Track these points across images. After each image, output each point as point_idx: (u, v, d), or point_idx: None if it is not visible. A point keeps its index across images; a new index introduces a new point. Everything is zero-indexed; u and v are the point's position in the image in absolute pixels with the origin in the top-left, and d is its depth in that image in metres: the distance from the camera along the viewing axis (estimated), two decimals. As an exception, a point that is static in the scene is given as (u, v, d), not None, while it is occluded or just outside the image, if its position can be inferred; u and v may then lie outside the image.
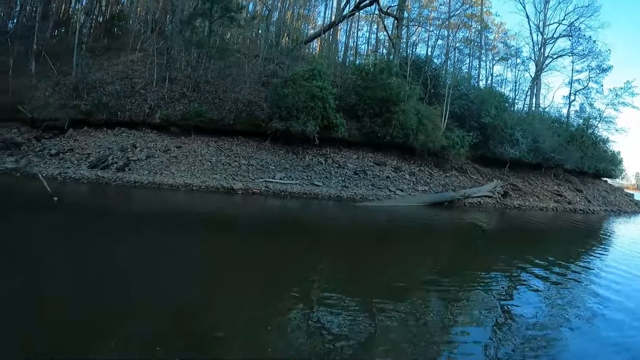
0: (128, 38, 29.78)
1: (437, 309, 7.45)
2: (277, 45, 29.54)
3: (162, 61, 25.71)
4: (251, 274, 9.10)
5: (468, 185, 26.78)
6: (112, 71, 26.42)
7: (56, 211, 14.08)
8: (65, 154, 22.84)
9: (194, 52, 25.86)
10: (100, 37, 31.82)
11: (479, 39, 39.45)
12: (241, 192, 20.41)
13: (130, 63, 27.20)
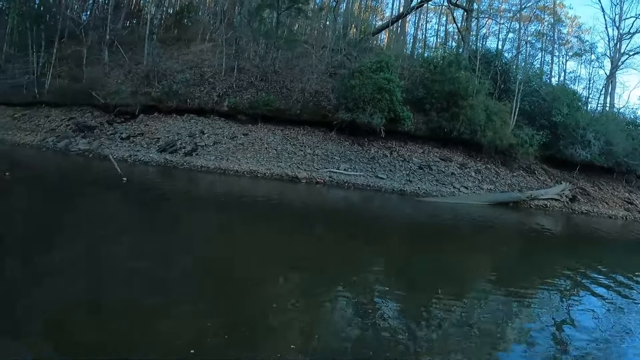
0: (197, 29, 30.68)
1: (490, 314, 7.05)
2: (345, 37, 29.44)
3: (230, 51, 26.33)
4: (309, 262, 9.14)
5: (535, 186, 25.74)
6: (182, 60, 27.26)
7: (124, 189, 15.11)
8: (135, 138, 23.72)
9: (262, 42, 26.23)
10: (170, 28, 32.94)
11: (552, 33, 37.47)
12: (305, 181, 20.58)
13: (200, 53, 27.97)
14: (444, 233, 13.89)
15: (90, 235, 9.32)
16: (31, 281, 6.51)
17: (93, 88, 26.46)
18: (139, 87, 25.82)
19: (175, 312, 5.86)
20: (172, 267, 7.70)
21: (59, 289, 6.28)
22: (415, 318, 6.45)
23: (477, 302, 7.52)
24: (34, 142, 24.81)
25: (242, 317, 5.93)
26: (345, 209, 16.51)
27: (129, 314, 5.70)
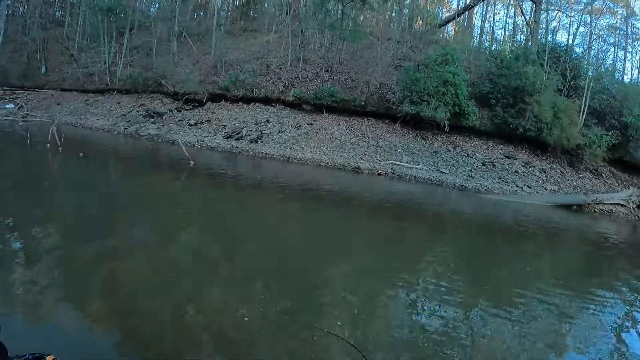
0: (263, 20, 31.52)
1: (545, 322, 6.68)
2: (410, 29, 29.45)
3: (296, 42, 26.81)
4: (368, 253, 9.35)
5: (601, 190, 24.92)
6: (248, 51, 28.08)
7: (191, 171, 16.22)
8: (203, 124, 24.65)
9: (328, 34, 26.59)
10: (237, 19, 33.93)
11: (625, 27, 35.55)
12: (367, 172, 20.78)
13: (266, 44, 28.72)
14: (505, 233, 13.50)
15: (162, 216, 10.22)
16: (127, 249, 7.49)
17: (162, 77, 27.69)
18: (206, 76, 26.83)
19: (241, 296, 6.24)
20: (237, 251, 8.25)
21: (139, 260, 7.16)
22: (463, 321, 6.35)
23: (542, 306, 7.25)
24: (105, 126, 26.25)
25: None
26: (410, 201, 16.39)
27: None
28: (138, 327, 5.18)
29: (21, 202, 9.73)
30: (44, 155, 16.38)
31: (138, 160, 18.37)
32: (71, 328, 4.94)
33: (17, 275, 6.03)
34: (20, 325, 4.89)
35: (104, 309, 5.43)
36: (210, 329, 5.26)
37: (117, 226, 8.85)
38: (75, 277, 6.33)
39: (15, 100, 32.05)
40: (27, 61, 36.75)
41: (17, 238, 7.45)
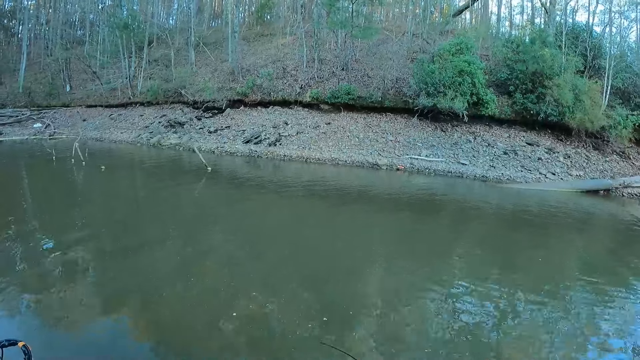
0: (278, 24, 32.19)
1: (578, 314, 6.65)
2: (425, 20, 29.60)
3: (311, 43, 27.35)
4: (393, 249, 9.53)
5: (629, 172, 24.55)
6: (264, 55, 28.78)
7: (208, 177, 17.15)
8: (222, 131, 25.39)
9: (341, 33, 27.02)
10: (252, 25, 34.76)
11: None
12: (385, 167, 20.97)
13: (282, 47, 29.37)
14: (532, 223, 13.01)
15: (174, 220, 10.81)
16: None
17: (182, 87, 28.64)
18: (224, 83, 27.63)
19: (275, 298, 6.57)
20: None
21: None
22: (495, 315, 6.39)
23: (577, 295, 7.30)
24: (129, 139, 27.29)
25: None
26: (431, 196, 16.46)
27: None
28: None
29: (41, 215, 10.63)
30: (68, 170, 17.36)
31: (158, 169, 19.19)
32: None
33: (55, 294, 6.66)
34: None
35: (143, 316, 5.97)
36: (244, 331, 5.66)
37: (137, 233, 9.58)
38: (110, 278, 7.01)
39: (43, 120, 33.45)
40: (52, 81, 38.26)
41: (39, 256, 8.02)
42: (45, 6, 51.49)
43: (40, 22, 49.50)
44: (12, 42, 49.40)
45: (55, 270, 7.25)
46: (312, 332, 5.65)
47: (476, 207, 14.80)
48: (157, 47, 35.68)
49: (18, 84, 38.87)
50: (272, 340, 5.50)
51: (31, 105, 36.17)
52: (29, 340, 2.63)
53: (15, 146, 25.74)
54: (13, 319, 5.71)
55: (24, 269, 7.28)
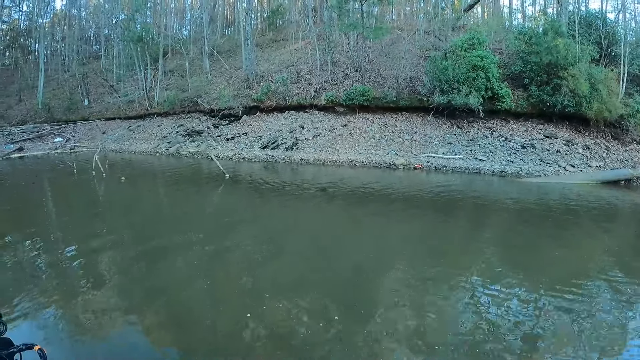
0: (290, 29, 32.66)
1: (609, 311, 6.52)
2: (436, 17, 29.71)
3: (323, 46, 27.71)
4: (414, 248, 9.58)
5: (651, 161, 24.39)
6: (278, 61, 29.27)
7: (226, 183, 17.57)
8: (239, 138, 25.83)
9: (352, 34, 27.31)
10: (264, 31, 35.35)
11: None
12: (403, 167, 21.08)
13: (295, 52, 29.83)
14: (559, 216, 12.85)
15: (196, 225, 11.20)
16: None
17: (198, 96, 29.25)
18: (240, 90, 28.14)
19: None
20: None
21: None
22: (524, 315, 6.34)
23: (606, 291, 7.15)
24: (148, 149, 27.91)
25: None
26: (450, 193, 16.32)
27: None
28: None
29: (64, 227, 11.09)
30: (89, 181, 18.01)
31: (178, 178, 19.60)
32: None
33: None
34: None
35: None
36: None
37: (157, 240, 9.92)
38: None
39: (63, 134, 34.32)
40: (70, 96, 39.14)
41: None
42: (60, 23, 52.93)
43: (56, 39, 50.91)
44: (30, 59, 50.77)
45: (77, 276, 7.63)
46: (333, 333, 5.83)
47: (496, 204, 14.71)
48: (172, 58, 36.49)
49: (37, 100, 39.92)
50: (295, 339, 5.68)
51: (51, 121, 37.15)
52: (50, 345, 2.92)
53: (37, 160, 26.55)
54: (35, 323, 5.95)
55: (47, 274, 7.69)
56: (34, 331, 5.76)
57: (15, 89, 43.60)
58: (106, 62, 41.19)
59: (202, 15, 35.84)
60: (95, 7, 52.78)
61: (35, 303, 6.46)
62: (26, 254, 8.79)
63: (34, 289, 6.94)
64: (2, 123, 37.64)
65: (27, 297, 6.59)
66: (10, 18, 53.17)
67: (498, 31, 29.61)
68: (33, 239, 9.64)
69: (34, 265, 8.15)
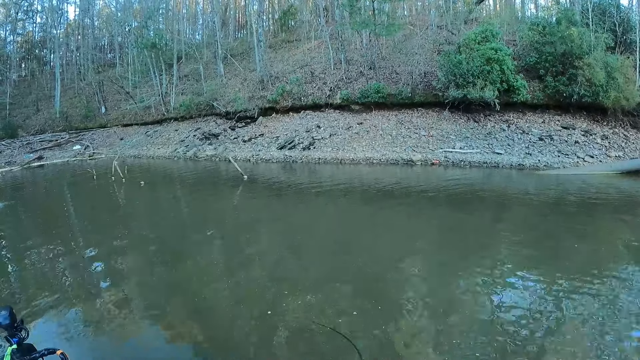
0: (302, 29, 32.95)
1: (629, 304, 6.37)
2: (448, 11, 29.65)
3: (336, 45, 27.93)
4: (436, 243, 9.69)
5: (670, 148, 24.07)
6: (291, 61, 29.56)
7: (245, 184, 17.85)
8: (256, 139, 26.15)
9: (365, 32, 27.45)
10: (276, 32, 35.72)
11: None
12: (420, 163, 21.08)
13: (308, 51, 30.08)
14: (581, 211, 12.55)
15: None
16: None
17: (213, 99, 29.67)
18: (255, 92, 28.50)
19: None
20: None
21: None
22: (546, 310, 6.27)
23: (611, 295, 6.78)
24: (166, 154, 28.38)
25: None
26: (469, 188, 16.20)
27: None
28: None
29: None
30: (109, 187, 18.48)
31: (196, 181, 20.04)
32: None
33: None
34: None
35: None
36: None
37: (176, 241, 10.25)
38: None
39: (81, 142, 35.02)
40: (87, 104, 39.97)
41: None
42: (74, 33, 53.90)
43: (71, 49, 51.84)
44: (45, 70, 51.78)
45: (97, 277, 7.92)
46: (356, 326, 5.92)
47: (515, 197, 14.68)
48: (186, 63, 37.06)
49: (55, 110, 40.82)
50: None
51: (69, 129, 37.99)
52: (72, 347, 3.09)
53: (57, 168, 27.19)
54: (57, 325, 6.11)
55: (68, 277, 7.98)
56: (56, 331, 5.94)
57: (32, 99, 44.64)
58: (121, 70, 41.94)
59: (214, 19, 36.35)
60: (107, 16, 53.61)
61: (58, 303, 6.69)
62: (49, 256, 9.11)
63: (57, 290, 7.22)
64: (21, 133, 38.52)
65: (50, 298, 6.84)
66: (24, 30, 54.26)
67: (511, 23, 29.35)
68: (55, 242, 10.05)
69: (56, 267, 8.46)
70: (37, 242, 10.27)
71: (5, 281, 7.85)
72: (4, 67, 46.33)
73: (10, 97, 43.22)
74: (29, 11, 51.46)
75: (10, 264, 8.97)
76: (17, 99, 45.03)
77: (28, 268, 8.55)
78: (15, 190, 20.25)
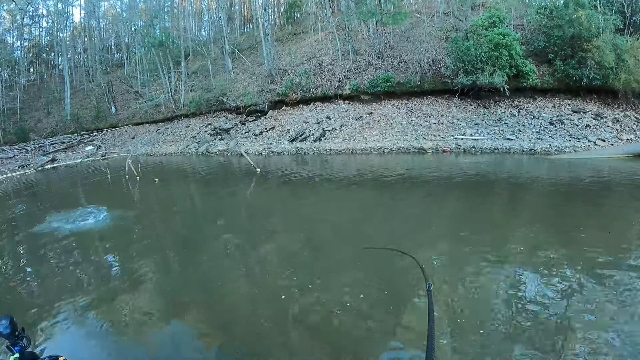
0: (308, 21, 33.12)
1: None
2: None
3: (343, 36, 28.08)
4: (451, 230, 9.62)
5: (683, 130, 23.93)
6: (299, 54, 29.76)
7: (258, 178, 18.17)
8: (267, 132, 26.40)
9: (372, 22, 27.54)
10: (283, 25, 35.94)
11: None
12: (431, 151, 21.24)
13: (315, 43, 30.26)
14: (594, 195, 12.37)
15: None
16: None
17: (223, 94, 29.97)
18: (264, 85, 28.75)
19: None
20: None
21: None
22: (562, 296, 6.25)
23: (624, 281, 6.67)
24: (178, 150, 28.74)
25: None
26: (481, 174, 16.28)
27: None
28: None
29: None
30: (123, 185, 18.80)
31: (209, 176, 20.29)
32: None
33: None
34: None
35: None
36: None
37: (193, 236, 10.52)
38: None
39: (93, 142, 35.48)
40: (97, 105, 40.39)
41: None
42: (81, 35, 54.42)
43: (78, 52, 52.40)
44: (54, 73, 52.36)
45: (114, 277, 8.08)
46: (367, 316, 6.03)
47: (527, 182, 14.70)
48: (194, 60, 37.39)
49: (65, 112, 41.32)
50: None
51: (80, 130, 38.44)
52: (89, 346, 3.22)
53: (70, 169, 27.57)
54: (72, 325, 6.23)
55: (85, 277, 8.12)
56: (72, 331, 6.07)
57: (42, 102, 45.23)
58: (129, 69, 42.38)
59: (219, 15, 36.64)
60: (113, 17, 54.00)
61: (75, 303, 6.82)
62: (66, 256, 9.33)
63: (76, 290, 7.37)
64: (33, 137, 39.01)
65: (69, 301, 6.93)
66: (31, 35, 54.83)
67: (518, 7, 29.07)
68: (71, 242, 10.27)
69: (76, 267, 8.64)
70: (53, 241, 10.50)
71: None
72: (12, 73, 46.77)
73: (20, 101, 43.77)
74: (35, 16, 52.03)
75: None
76: (27, 103, 45.64)
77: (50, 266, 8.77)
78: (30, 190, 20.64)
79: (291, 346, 5.55)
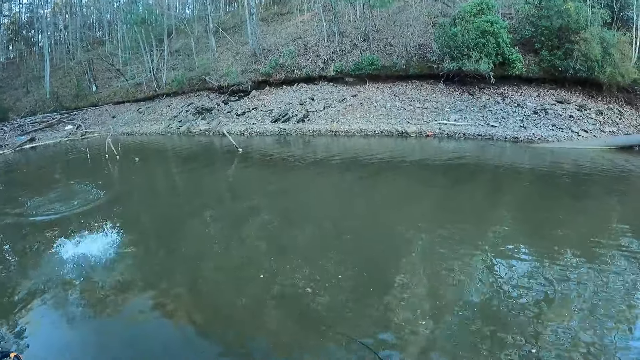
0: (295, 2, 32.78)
1: (621, 274, 6.52)
2: (444, -19, 29.37)
3: (330, 17, 27.78)
4: (432, 217, 9.72)
5: (665, 125, 24.18)
6: (284, 34, 29.42)
7: (239, 158, 18.01)
8: (250, 113, 26.13)
9: (359, 3, 27.26)
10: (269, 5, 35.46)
11: None
12: (415, 135, 21.22)
13: (301, 24, 29.93)
14: (575, 184, 12.68)
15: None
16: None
17: (206, 74, 29.50)
18: (247, 65, 28.38)
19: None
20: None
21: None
22: (540, 283, 6.37)
23: (606, 268, 6.87)
24: (159, 130, 28.27)
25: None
26: (464, 160, 16.46)
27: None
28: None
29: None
30: (103, 164, 18.50)
31: (190, 155, 20.12)
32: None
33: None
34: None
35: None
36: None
37: (174, 215, 10.35)
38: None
39: (73, 121, 34.65)
40: (77, 83, 39.30)
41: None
42: (62, 12, 52.95)
43: (59, 28, 50.96)
44: (34, 51, 50.95)
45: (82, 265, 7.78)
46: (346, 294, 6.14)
47: (510, 170, 14.93)
48: (177, 38, 36.62)
49: (45, 90, 40.26)
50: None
51: (60, 109, 37.46)
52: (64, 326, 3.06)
53: (50, 149, 26.98)
54: (56, 307, 6.23)
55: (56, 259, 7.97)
56: (52, 309, 6.12)
57: (21, 81, 43.94)
58: (111, 47, 41.37)
59: (204, -8, 36.02)
60: (95, -7, 52.83)
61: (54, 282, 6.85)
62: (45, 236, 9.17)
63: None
64: (12, 116, 37.99)
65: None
66: (11, 11, 53.38)
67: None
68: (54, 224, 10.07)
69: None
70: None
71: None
72: (-9, 51, 45.65)
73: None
74: (15, -8, 50.66)
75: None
76: (6, 82, 44.44)
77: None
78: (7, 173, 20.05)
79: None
